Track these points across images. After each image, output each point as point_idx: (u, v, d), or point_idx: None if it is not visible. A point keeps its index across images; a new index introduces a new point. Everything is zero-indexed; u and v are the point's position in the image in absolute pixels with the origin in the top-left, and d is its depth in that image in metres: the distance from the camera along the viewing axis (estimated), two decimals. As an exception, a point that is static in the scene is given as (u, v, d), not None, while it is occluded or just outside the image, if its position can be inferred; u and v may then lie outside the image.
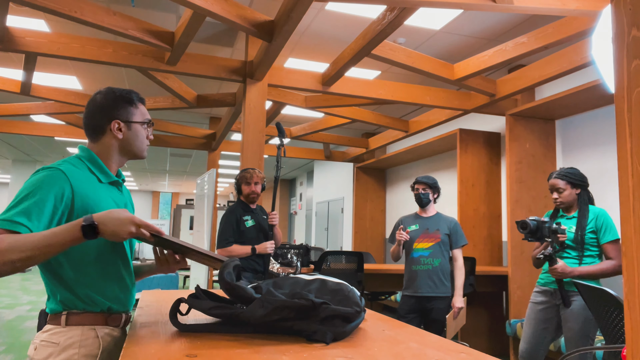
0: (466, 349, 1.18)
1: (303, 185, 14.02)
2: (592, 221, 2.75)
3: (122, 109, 1.52)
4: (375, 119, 6.09)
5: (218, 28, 4.47)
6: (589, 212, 2.77)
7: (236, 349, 1.12)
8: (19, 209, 1.26)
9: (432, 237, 3.49)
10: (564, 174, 2.80)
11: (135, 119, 1.53)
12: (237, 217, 3.32)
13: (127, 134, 1.52)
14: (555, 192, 2.83)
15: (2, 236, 1.18)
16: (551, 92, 4.85)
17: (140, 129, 1.54)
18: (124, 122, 1.51)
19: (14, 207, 1.27)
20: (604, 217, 2.74)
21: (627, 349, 0.94)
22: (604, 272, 2.66)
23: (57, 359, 1.33)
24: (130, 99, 1.53)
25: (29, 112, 5.88)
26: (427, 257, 3.45)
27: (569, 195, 2.81)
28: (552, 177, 2.85)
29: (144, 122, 1.56)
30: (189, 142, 7.64)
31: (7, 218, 1.24)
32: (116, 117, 1.50)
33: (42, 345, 1.36)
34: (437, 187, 3.60)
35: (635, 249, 0.96)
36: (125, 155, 1.56)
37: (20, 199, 1.29)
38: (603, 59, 1.88)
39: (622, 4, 1.02)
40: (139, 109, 1.55)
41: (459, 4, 2.98)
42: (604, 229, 2.71)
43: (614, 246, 2.69)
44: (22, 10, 4.08)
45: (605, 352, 3.24)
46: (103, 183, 1.49)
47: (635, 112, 0.98)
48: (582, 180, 2.81)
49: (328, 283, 1.39)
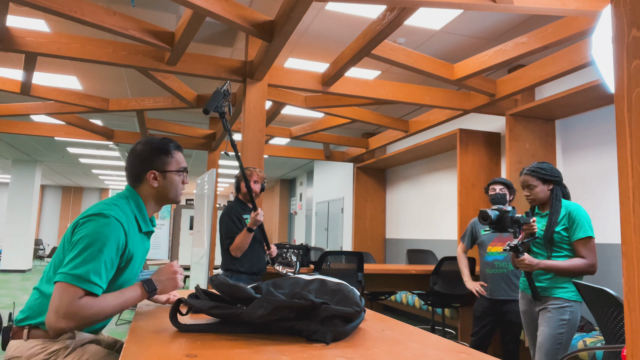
0: (466, 349, 1.18)
1: (303, 185, 14.02)
2: (564, 217, 2.56)
3: (158, 160, 1.62)
4: (375, 119, 6.09)
5: (218, 28, 4.47)
6: (562, 207, 2.58)
7: (236, 349, 1.12)
8: (90, 267, 1.37)
9: (507, 240, 3.40)
10: (534, 169, 2.64)
11: (170, 168, 1.64)
12: (237, 215, 3.31)
13: (163, 182, 1.63)
14: (526, 188, 2.67)
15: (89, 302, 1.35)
16: (551, 92, 4.85)
17: (175, 177, 1.65)
18: (160, 172, 1.62)
19: (84, 262, 1.37)
20: (577, 212, 2.55)
21: (627, 349, 0.94)
22: (573, 269, 2.49)
23: None
24: (166, 149, 1.63)
25: (29, 112, 5.88)
26: (502, 260, 3.49)
27: (541, 191, 2.63)
28: (522, 173, 2.69)
29: (179, 170, 1.66)
30: (189, 142, 7.64)
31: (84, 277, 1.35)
32: (152, 167, 1.61)
33: None
34: (514, 188, 3.56)
35: (635, 249, 0.96)
36: (161, 201, 1.67)
37: (89, 253, 1.39)
38: (603, 59, 1.88)
39: (622, 4, 1.02)
40: (175, 157, 1.65)
41: (459, 4, 2.98)
42: (576, 225, 2.52)
43: (586, 244, 2.50)
44: (22, 10, 4.08)
45: (605, 352, 3.23)
46: (141, 232, 1.62)
47: (635, 112, 0.98)
48: (553, 175, 2.63)
49: (328, 283, 1.40)
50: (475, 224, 3.69)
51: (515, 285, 3.46)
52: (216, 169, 5.12)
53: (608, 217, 4.24)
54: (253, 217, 3.12)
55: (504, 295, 3.47)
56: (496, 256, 3.51)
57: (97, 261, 1.38)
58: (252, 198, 3.04)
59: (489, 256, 3.54)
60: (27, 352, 1.43)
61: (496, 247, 3.53)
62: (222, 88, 2.56)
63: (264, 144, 4.19)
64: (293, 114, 6.92)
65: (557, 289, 2.55)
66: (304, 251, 4.10)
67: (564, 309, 2.51)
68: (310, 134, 6.91)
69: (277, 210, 15.82)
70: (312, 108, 5.35)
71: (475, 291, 3.60)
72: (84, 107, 5.61)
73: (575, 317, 2.51)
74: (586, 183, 4.49)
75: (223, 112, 2.55)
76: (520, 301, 2.80)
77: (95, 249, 1.39)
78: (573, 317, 2.50)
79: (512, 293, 3.45)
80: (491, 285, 3.52)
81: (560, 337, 2.48)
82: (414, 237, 7.31)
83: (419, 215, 7.26)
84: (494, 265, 3.52)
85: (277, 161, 11.67)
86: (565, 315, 2.50)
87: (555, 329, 2.49)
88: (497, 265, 3.51)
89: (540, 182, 2.64)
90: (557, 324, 2.50)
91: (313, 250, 6.30)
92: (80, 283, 1.34)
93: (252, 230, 3.15)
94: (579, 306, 2.53)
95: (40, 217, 19.17)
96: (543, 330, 2.54)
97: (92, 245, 1.39)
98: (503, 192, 3.48)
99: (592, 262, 2.50)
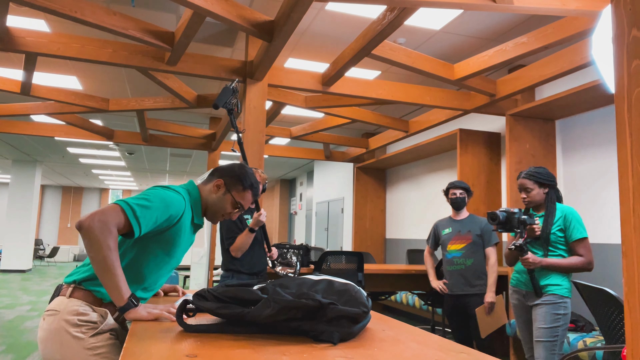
0: (466, 349, 1.18)
1: (303, 185, 14.02)
2: (560, 219, 2.78)
3: (236, 181, 1.70)
4: (375, 119, 6.09)
5: (218, 28, 4.47)
6: (557, 210, 2.81)
7: (236, 349, 1.12)
8: (142, 204, 1.49)
9: (464, 238, 3.72)
10: (531, 173, 2.84)
11: (234, 194, 1.70)
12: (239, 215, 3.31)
13: (219, 197, 1.70)
14: (523, 191, 2.88)
15: (113, 234, 1.43)
16: (551, 92, 4.85)
17: (230, 202, 1.70)
18: (226, 187, 1.69)
19: (139, 200, 1.50)
20: (572, 215, 2.77)
21: (627, 349, 0.94)
22: (572, 266, 2.71)
23: None
24: (248, 183, 1.71)
25: (29, 112, 5.88)
26: (460, 257, 3.71)
27: (537, 194, 2.84)
28: (520, 176, 2.90)
29: (237, 203, 1.71)
30: (189, 142, 7.64)
31: (132, 206, 1.47)
32: (225, 181, 1.69)
33: None
34: (471, 191, 3.85)
35: (635, 249, 0.96)
36: (206, 209, 1.73)
37: (146, 199, 1.52)
38: (603, 59, 1.88)
39: (622, 4, 1.02)
40: (245, 193, 1.71)
41: (459, 4, 2.98)
42: (572, 227, 2.74)
43: (582, 244, 2.72)
44: (22, 10, 4.08)
45: (605, 352, 3.24)
46: (193, 223, 1.72)
47: (635, 112, 0.98)
48: (549, 180, 2.84)
49: (335, 284, 1.39)
50: (437, 226, 3.93)
51: (473, 281, 3.66)
52: (216, 169, 5.12)
53: (608, 217, 4.24)
54: (256, 217, 3.11)
55: (463, 290, 3.68)
56: (455, 253, 3.73)
57: (150, 208, 1.51)
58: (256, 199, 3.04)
59: (448, 254, 3.76)
60: (65, 310, 1.53)
61: (455, 244, 3.75)
62: (232, 85, 2.61)
63: (264, 144, 4.19)
64: (293, 114, 6.92)
65: (552, 286, 2.74)
66: (304, 251, 4.09)
67: (558, 305, 2.71)
68: (310, 134, 6.91)
69: (277, 210, 15.82)
70: (312, 108, 5.35)
71: (439, 289, 3.79)
72: (84, 107, 5.61)
73: (568, 311, 2.73)
74: (586, 183, 4.49)
75: (231, 108, 2.61)
76: (511, 295, 2.99)
77: (154, 201, 1.53)
78: (567, 312, 2.72)
79: (471, 288, 3.65)
80: (451, 281, 3.74)
81: (556, 330, 2.69)
82: (414, 237, 7.31)
83: (419, 215, 7.26)
84: (452, 262, 3.74)
85: (277, 161, 11.67)
86: (560, 310, 2.70)
87: (551, 323, 2.69)
88: (455, 262, 3.72)
89: (537, 185, 2.84)
90: (553, 317, 2.70)
91: (313, 251, 6.31)
92: (127, 208, 1.46)
93: (254, 230, 3.14)
94: (570, 302, 2.77)
95: (40, 217, 19.17)
96: (539, 325, 2.72)
97: (153, 197, 1.54)
98: (462, 195, 3.77)
99: (590, 260, 2.72)
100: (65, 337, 1.50)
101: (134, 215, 1.47)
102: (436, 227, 3.93)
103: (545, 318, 2.71)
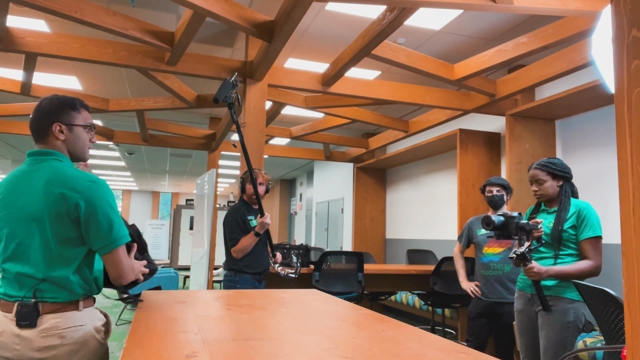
0: (466, 349, 1.18)
1: (303, 185, 14.02)
2: (573, 215, 2.47)
3: (65, 113, 1.58)
4: (375, 119, 6.09)
5: (218, 28, 4.48)
6: (571, 205, 2.50)
7: (236, 349, 1.12)
8: (122, 226, 1.57)
9: (503, 242, 3.35)
10: (544, 164, 2.56)
11: (76, 122, 1.60)
12: (242, 216, 3.30)
13: (69, 136, 1.59)
14: (535, 183, 2.59)
15: None
16: (551, 92, 4.85)
17: (82, 132, 1.62)
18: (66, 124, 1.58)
19: (120, 222, 1.56)
20: (587, 210, 2.46)
21: (627, 349, 0.94)
22: (580, 272, 2.40)
23: None
24: (73, 104, 1.60)
25: (29, 112, 5.88)
26: (497, 262, 3.44)
27: (550, 187, 2.55)
28: (532, 167, 2.62)
29: (86, 125, 1.62)
30: (189, 142, 7.64)
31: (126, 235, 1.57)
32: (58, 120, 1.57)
33: None
34: (511, 188, 3.49)
35: (635, 249, 0.96)
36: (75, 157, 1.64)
37: (115, 213, 1.55)
38: (603, 59, 1.88)
39: (622, 4, 1.02)
40: (82, 113, 1.62)
41: (459, 4, 2.98)
42: (585, 224, 2.43)
43: (593, 244, 2.41)
44: (22, 10, 4.08)
45: (605, 352, 3.23)
46: None
47: (635, 112, 0.98)
48: (564, 171, 2.55)
49: None
50: (472, 223, 3.63)
51: (510, 288, 3.41)
52: (216, 169, 5.11)
53: (608, 217, 4.24)
54: (261, 221, 3.13)
55: (499, 297, 3.42)
56: (492, 257, 3.47)
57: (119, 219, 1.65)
58: (260, 201, 3.05)
59: (484, 257, 3.50)
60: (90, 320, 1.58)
61: (492, 248, 3.48)
62: (231, 79, 2.59)
63: (264, 144, 4.20)
64: (293, 114, 6.92)
65: (562, 288, 2.48)
66: (304, 251, 4.10)
67: (568, 311, 2.43)
68: (310, 134, 6.92)
69: (277, 211, 15.82)
70: (312, 108, 5.35)
71: (470, 291, 3.55)
72: (84, 107, 5.60)
73: (578, 318, 2.44)
74: (586, 183, 4.49)
75: (232, 102, 2.58)
76: (516, 300, 2.70)
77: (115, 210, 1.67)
78: (576, 318, 2.44)
79: (508, 295, 3.40)
80: (486, 286, 3.48)
81: (565, 339, 2.41)
82: (414, 237, 7.31)
83: (419, 216, 7.26)
84: (489, 266, 3.47)
85: (277, 161, 11.67)
86: (570, 317, 2.42)
87: (560, 332, 2.42)
88: (492, 267, 3.46)
89: (550, 177, 2.56)
90: (562, 326, 2.42)
91: (313, 251, 6.30)
92: None
93: (260, 234, 3.17)
94: (583, 305, 2.44)
95: (40, 217, 19.12)
96: (547, 333, 2.46)
97: (115, 208, 1.67)
98: (500, 193, 3.43)
99: (598, 264, 2.42)
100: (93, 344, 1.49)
101: None
102: (471, 224, 3.61)
103: (553, 327, 2.43)
